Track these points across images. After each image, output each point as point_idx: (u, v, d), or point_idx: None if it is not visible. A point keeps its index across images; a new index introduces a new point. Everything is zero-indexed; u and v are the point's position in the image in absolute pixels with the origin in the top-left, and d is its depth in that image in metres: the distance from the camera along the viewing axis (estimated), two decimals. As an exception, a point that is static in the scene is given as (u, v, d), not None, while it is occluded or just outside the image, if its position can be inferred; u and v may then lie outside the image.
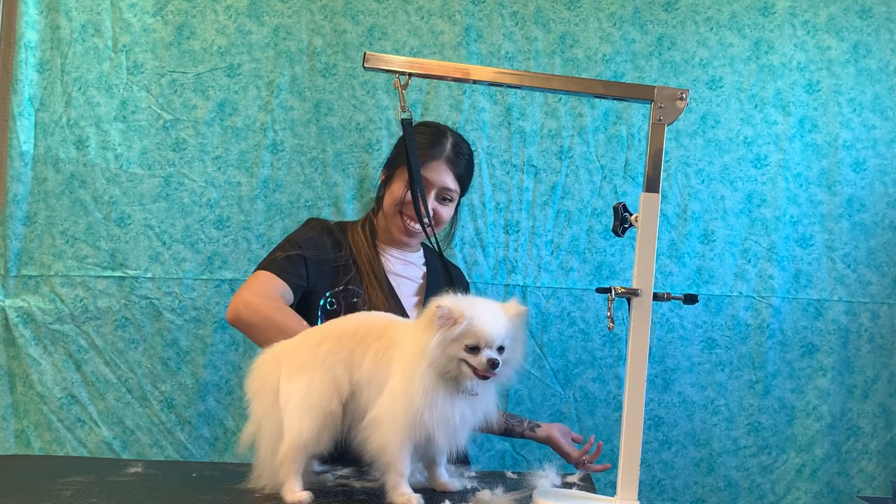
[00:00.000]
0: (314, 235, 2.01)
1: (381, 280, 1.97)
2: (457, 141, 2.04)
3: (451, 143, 2.01)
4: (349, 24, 2.57)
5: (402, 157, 1.96)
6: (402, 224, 2.01)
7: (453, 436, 1.43)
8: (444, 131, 2.04)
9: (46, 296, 2.49)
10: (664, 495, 2.58)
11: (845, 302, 2.60)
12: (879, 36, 2.60)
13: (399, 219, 2.01)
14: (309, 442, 1.45)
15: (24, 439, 2.47)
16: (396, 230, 2.03)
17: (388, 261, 2.06)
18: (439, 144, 2.00)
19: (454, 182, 2.01)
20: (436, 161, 1.97)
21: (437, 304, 1.40)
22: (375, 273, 1.97)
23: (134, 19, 2.54)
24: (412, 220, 1.99)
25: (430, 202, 1.97)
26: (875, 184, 2.60)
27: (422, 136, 2.00)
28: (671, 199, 2.59)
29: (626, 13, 2.59)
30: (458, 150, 2.02)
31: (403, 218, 2.00)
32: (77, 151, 2.51)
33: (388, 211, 2.03)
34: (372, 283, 1.95)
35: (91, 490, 1.49)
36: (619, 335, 2.55)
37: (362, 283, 1.96)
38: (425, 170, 1.95)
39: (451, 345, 1.39)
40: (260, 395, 1.53)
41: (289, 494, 1.43)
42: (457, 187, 2.02)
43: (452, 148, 2.01)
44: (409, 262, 2.10)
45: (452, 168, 1.99)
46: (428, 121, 2.14)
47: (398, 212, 2.01)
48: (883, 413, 2.60)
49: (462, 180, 2.03)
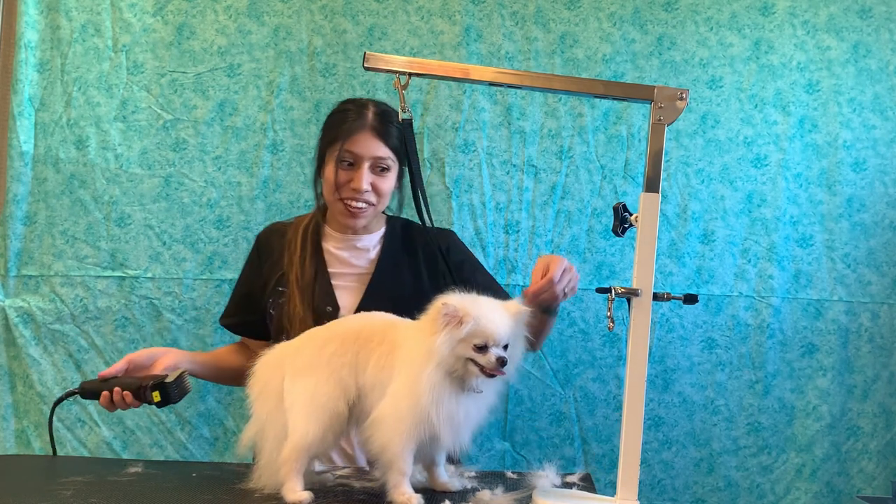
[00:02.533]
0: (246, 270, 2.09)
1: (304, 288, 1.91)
2: (381, 110, 1.95)
3: (373, 113, 1.91)
4: (349, 24, 2.57)
5: (325, 142, 1.95)
6: (343, 208, 1.93)
7: (458, 434, 1.43)
8: (366, 103, 1.95)
9: (46, 296, 2.49)
10: (664, 495, 2.58)
11: (845, 302, 2.60)
12: (879, 36, 2.60)
13: (339, 204, 1.93)
14: (314, 443, 1.45)
15: (24, 439, 2.48)
16: (340, 215, 1.95)
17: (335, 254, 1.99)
18: (361, 116, 1.91)
19: (385, 150, 1.91)
20: (360, 133, 1.89)
21: (442, 302, 1.40)
22: (300, 280, 1.92)
23: (134, 19, 2.54)
24: (351, 199, 1.90)
25: (365, 177, 1.89)
26: (875, 184, 2.60)
27: (342, 113, 1.94)
28: (671, 199, 2.59)
29: (626, 13, 2.59)
30: (384, 119, 1.93)
31: (343, 200, 1.92)
32: (77, 151, 2.52)
33: (329, 198, 1.96)
34: (293, 291, 1.91)
35: (91, 490, 1.49)
36: (619, 335, 2.55)
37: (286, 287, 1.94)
38: (350, 144, 1.88)
39: (458, 344, 1.39)
40: (263, 396, 1.53)
41: (289, 494, 1.43)
42: (390, 155, 1.92)
43: (375, 117, 1.91)
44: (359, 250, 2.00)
45: (380, 137, 1.90)
46: (352, 97, 2.06)
47: (338, 197, 1.92)
48: (883, 413, 2.60)
49: (395, 149, 1.93)
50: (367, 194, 1.90)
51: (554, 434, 2.57)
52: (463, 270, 2.00)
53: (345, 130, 1.89)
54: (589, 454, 2.57)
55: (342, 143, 1.89)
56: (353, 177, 1.89)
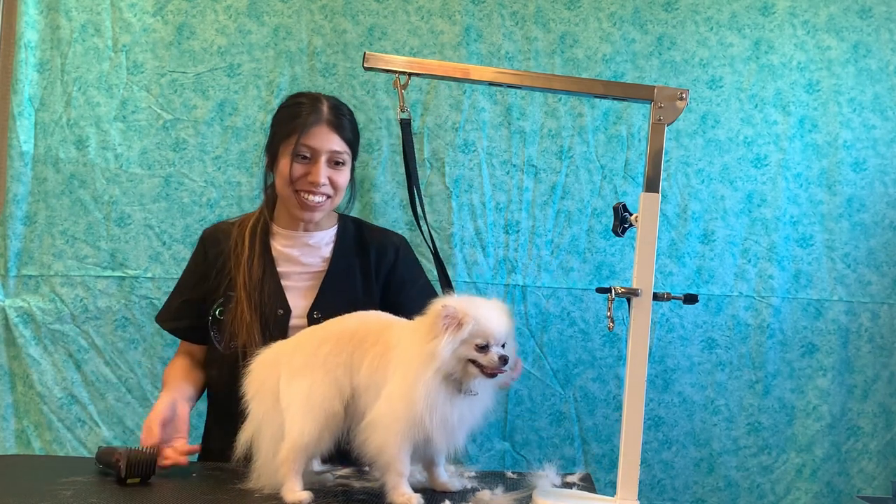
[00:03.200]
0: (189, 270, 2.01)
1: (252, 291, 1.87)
2: (334, 104, 1.93)
3: (327, 107, 1.90)
4: (349, 24, 2.57)
5: (279, 136, 1.90)
6: (299, 200, 1.89)
7: (452, 436, 1.44)
8: (319, 97, 1.93)
9: (46, 296, 2.49)
10: (664, 495, 2.58)
11: (845, 302, 2.60)
12: (879, 36, 2.59)
13: (296, 197, 1.89)
14: (311, 443, 1.45)
15: (24, 439, 2.48)
16: (296, 209, 1.91)
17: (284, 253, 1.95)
18: (316, 110, 1.88)
19: (341, 144, 1.89)
20: (316, 126, 1.87)
21: (442, 305, 1.40)
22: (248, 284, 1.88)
23: (134, 19, 2.54)
24: (308, 193, 1.87)
25: (322, 171, 1.87)
26: (875, 184, 2.60)
27: (296, 107, 1.91)
28: (671, 199, 2.59)
29: (626, 13, 2.59)
30: (338, 112, 1.92)
31: (300, 194, 1.88)
32: (77, 151, 2.52)
33: (283, 192, 1.91)
34: (241, 296, 1.87)
35: (91, 490, 1.49)
36: (619, 335, 2.55)
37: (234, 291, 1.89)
38: (307, 138, 1.85)
39: (460, 346, 1.39)
40: (259, 396, 1.53)
41: (289, 494, 1.43)
42: (345, 149, 1.90)
43: (330, 111, 1.89)
44: (310, 247, 1.96)
45: (336, 130, 1.88)
46: (301, 91, 2.02)
47: (294, 190, 1.88)
48: (883, 413, 2.60)
49: (350, 143, 1.92)
50: (324, 188, 1.87)
51: (554, 434, 2.57)
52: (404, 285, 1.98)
53: (300, 124, 1.86)
54: (589, 454, 2.57)
55: (298, 136, 1.85)
56: (311, 170, 1.86)
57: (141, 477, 1.55)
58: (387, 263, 1.98)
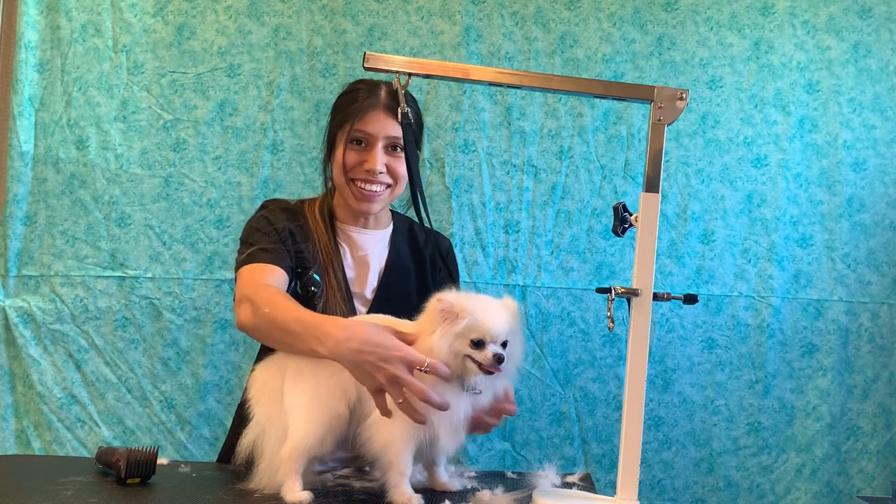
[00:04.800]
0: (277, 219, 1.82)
1: (339, 278, 1.80)
2: (394, 89, 1.76)
3: (385, 92, 1.82)
4: (349, 24, 2.57)
5: (335, 123, 1.84)
6: (355, 191, 1.82)
7: (456, 434, 1.44)
8: (379, 83, 1.84)
9: (46, 296, 2.49)
10: (664, 495, 2.58)
11: (845, 302, 2.60)
12: (879, 36, 2.60)
13: (352, 186, 1.82)
14: (314, 444, 1.45)
15: (24, 439, 2.48)
16: (353, 199, 1.83)
17: (353, 242, 1.88)
18: (373, 95, 1.81)
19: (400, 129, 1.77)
20: (373, 111, 1.79)
21: (437, 298, 1.40)
22: (334, 268, 1.80)
23: (134, 19, 2.54)
24: (365, 182, 1.80)
25: (379, 157, 1.78)
26: (875, 184, 2.60)
27: (353, 93, 1.85)
28: (671, 199, 2.59)
29: (626, 13, 2.59)
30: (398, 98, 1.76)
31: (356, 183, 1.81)
32: (77, 151, 2.52)
33: (339, 182, 1.84)
34: (330, 281, 1.78)
35: (91, 490, 1.49)
36: (619, 335, 2.55)
37: (322, 277, 1.79)
38: (363, 123, 1.78)
39: (456, 340, 1.39)
40: (263, 399, 1.53)
41: (289, 494, 1.43)
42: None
43: (388, 95, 1.81)
44: (376, 241, 1.90)
45: (394, 115, 1.77)
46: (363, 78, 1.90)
47: (349, 179, 1.82)
48: (883, 413, 2.60)
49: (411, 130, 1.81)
50: (381, 175, 1.80)
51: (554, 434, 2.57)
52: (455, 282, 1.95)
53: (356, 109, 1.80)
54: (589, 454, 2.57)
55: (353, 122, 1.78)
56: (367, 157, 1.79)
57: (141, 477, 1.55)
58: (439, 267, 1.94)
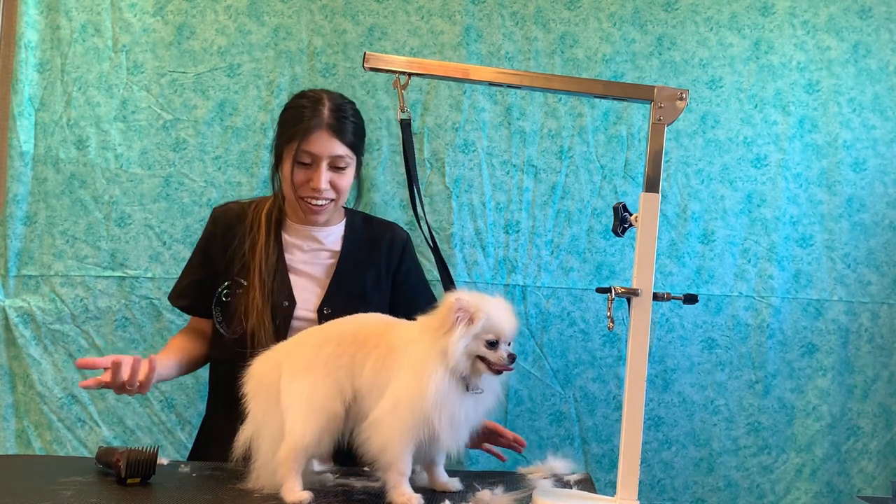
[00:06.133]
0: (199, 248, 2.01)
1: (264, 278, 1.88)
2: (336, 105, 1.88)
3: (328, 110, 1.86)
4: (349, 24, 2.57)
5: (282, 139, 1.89)
6: (303, 205, 1.90)
7: (457, 434, 1.44)
8: (321, 98, 1.89)
9: (46, 296, 2.49)
10: (664, 495, 2.58)
11: (845, 302, 2.60)
12: (879, 36, 2.60)
13: (300, 202, 1.90)
14: (311, 443, 1.45)
15: (25, 439, 2.48)
16: (300, 212, 1.93)
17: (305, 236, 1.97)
18: (316, 114, 1.85)
19: (342, 148, 1.86)
20: (316, 132, 1.84)
21: (455, 298, 1.40)
22: (260, 269, 1.88)
23: (134, 19, 2.54)
24: (311, 198, 1.88)
25: (324, 176, 1.85)
26: (875, 184, 2.60)
27: (298, 109, 1.89)
28: (671, 199, 2.59)
29: (626, 13, 2.59)
30: (340, 115, 1.88)
31: (304, 199, 1.89)
32: (77, 151, 2.52)
33: (288, 195, 1.92)
34: (253, 282, 1.87)
35: (91, 490, 1.49)
36: (619, 335, 2.55)
37: (247, 277, 1.89)
38: (308, 144, 1.83)
39: (471, 341, 1.40)
40: (260, 397, 1.53)
41: (288, 494, 1.43)
42: (347, 152, 1.88)
43: (331, 114, 1.86)
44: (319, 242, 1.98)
45: (337, 135, 1.85)
46: (306, 90, 1.97)
47: (298, 196, 1.89)
48: (883, 413, 2.60)
49: (352, 145, 1.89)
50: (326, 192, 1.87)
51: (554, 434, 2.57)
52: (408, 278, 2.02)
53: (301, 130, 1.84)
54: (589, 454, 2.57)
55: (299, 142, 1.84)
56: (312, 176, 1.86)
57: (141, 477, 1.55)
58: (395, 257, 2.00)
